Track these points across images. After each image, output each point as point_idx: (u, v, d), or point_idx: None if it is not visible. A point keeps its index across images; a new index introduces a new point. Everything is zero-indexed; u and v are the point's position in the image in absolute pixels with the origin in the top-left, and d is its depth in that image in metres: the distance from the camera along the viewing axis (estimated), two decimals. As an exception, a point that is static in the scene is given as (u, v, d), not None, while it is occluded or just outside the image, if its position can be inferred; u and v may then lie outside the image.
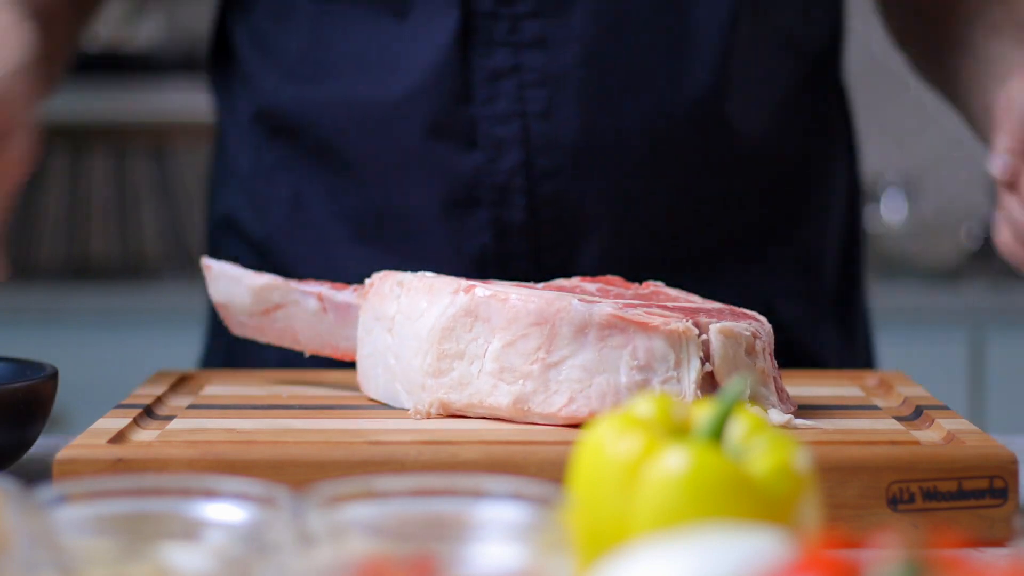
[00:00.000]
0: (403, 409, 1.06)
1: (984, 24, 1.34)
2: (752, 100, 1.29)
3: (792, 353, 1.30)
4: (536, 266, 1.27)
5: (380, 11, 1.27)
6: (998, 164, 1.20)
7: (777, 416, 1.00)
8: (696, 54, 1.26)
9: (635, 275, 1.18)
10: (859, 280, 1.43)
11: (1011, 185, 1.20)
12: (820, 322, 1.37)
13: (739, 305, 1.08)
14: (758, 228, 1.33)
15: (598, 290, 1.08)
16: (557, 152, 1.25)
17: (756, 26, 1.29)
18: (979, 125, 1.33)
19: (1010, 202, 1.20)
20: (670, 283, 1.14)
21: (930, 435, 0.99)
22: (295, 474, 0.93)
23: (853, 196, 1.42)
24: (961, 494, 0.93)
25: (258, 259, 1.34)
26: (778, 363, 1.06)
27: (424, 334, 1.04)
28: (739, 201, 1.31)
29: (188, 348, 1.61)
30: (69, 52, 1.34)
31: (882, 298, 2.95)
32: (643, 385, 0.99)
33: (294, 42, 1.30)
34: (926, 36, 1.40)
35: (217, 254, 1.36)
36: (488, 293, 1.02)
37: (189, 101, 2.92)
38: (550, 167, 1.25)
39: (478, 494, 0.68)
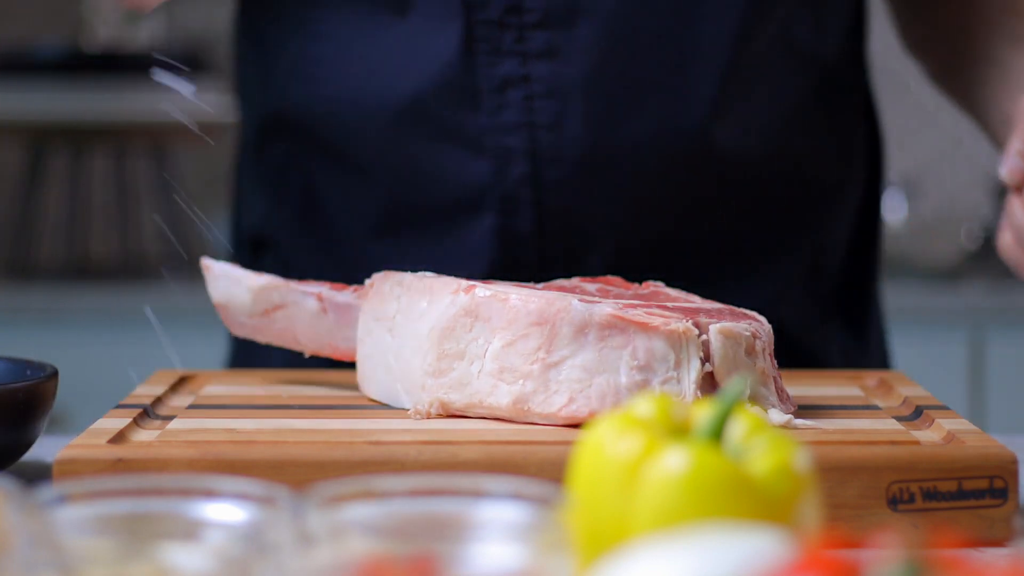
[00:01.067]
0: (403, 409, 1.06)
1: (1005, 35, 1.32)
2: (758, 114, 1.28)
3: (798, 357, 1.29)
4: (541, 277, 1.26)
5: (377, 10, 1.26)
6: (1007, 166, 1.19)
7: (777, 416, 1.00)
8: (702, 68, 1.25)
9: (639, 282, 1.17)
10: (872, 279, 1.41)
11: (1019, 188, 1.19)
12: (826, 323, 1.36)
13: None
14: (765, 239, 1.32)
15: (598, 290, 1.07)
16: (565, 164, 1.24)
17: (766, 38, 1.27)
18: (998, 135, 1.32)
19: (1015, 205, 1.20)
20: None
21: (930, 435, 0.99)
22: (295, 474, 0.93)
23: (870, 197, 1.40)
24: (961, 494, 0.93)
25: (271, 256, 1.34)
26: (784, 366, 1.05)
27: (424, 334, 1.04)
28: (745, 214, 1.30)
29: (188, 348, 1.61)
30: None
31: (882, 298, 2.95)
32: (643, 385, 0.99)
33: (297, 43, 1.30)
34: (944, 47, 1.38)
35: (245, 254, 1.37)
36: (488, 293, 1.02)
37: (189, 101, 2.91)
38: (558, 179, 1.25)
39: (478, 494, 0.68)
